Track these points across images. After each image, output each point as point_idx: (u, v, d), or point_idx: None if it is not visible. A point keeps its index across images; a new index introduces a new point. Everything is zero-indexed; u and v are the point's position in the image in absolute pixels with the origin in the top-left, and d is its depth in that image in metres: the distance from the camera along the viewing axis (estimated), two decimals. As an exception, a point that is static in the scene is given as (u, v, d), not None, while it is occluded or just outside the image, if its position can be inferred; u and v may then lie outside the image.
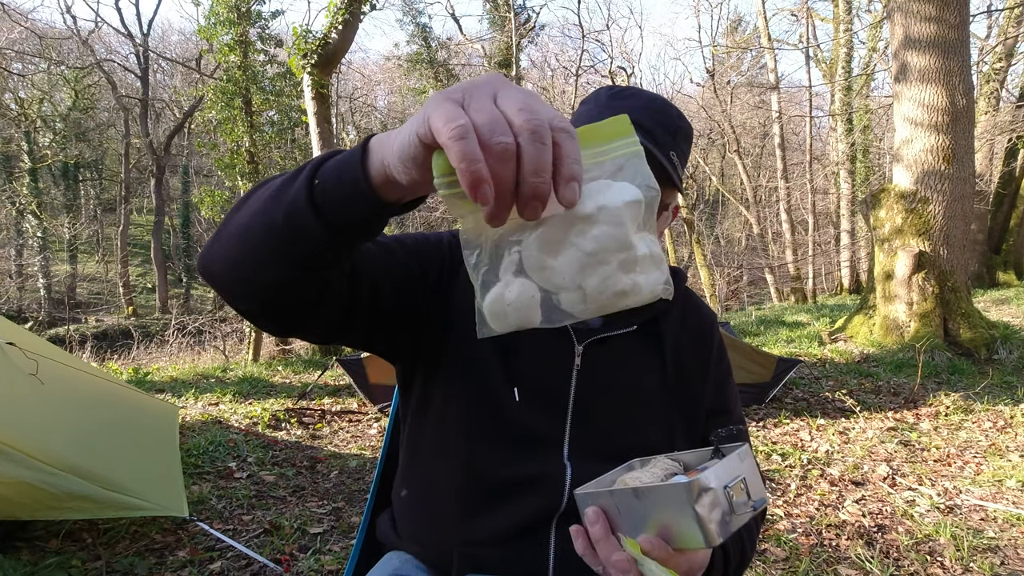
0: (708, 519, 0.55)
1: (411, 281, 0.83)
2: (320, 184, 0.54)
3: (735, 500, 0.57)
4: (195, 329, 12.96)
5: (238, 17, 9.33)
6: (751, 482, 0.59)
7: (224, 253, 0.63)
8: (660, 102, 0.86)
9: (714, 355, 0.97)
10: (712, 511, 0.56)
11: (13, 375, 2.16)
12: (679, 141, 0.86)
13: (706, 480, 0.56)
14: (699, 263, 16.70)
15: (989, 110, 12.46)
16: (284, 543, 2.33)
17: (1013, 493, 2.83)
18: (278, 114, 10.39)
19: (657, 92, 0.93)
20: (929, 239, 5.75)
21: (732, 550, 0.80)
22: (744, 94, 22.24)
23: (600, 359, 0.88)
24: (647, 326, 0.92)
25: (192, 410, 4.29)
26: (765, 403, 4.32)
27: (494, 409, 0.84)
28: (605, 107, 0.84)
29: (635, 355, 0.90)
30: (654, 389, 0.90)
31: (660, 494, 0.58)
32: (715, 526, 0.56)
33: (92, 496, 1.94)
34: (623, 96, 0.86)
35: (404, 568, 0.86)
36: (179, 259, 27.03)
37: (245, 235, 0.60)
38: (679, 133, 0.86)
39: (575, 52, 20.11)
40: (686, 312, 0.97)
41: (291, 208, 0.56)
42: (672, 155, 0.83)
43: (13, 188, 20.93)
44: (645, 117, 0.82)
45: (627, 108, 0.81)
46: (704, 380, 0.94)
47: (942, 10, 5.65)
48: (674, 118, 0.86)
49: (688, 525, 0.56)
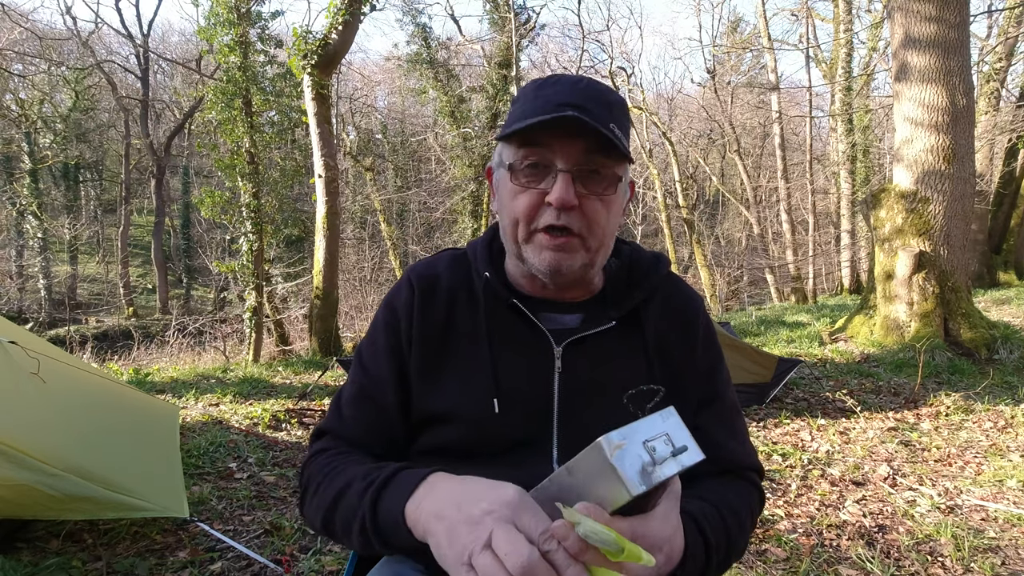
0: (625, 467, 0.57)
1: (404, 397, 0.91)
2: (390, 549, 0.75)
3: (656, 452, 0.59)
4: (195, 330, 12.99)
5: (238, 18, 9.32)
6: (676, 437, 0.61)
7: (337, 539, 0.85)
8: (586, 81, 0.84)
9: (700, 341, 0.94)
10: (629, 462, 0.57)
11: (15, 374, 2.16)
12: (616, 114, 0.83)
13: (618, 435, 0.58)
14: (699, 263, 16.71)
15: (989, 110, 12.45)
16: (285, 544, 2.33)
17: (1014, 493, 2.83)
18: (278, 115, 10.38)
19: (658, 92, 0.93)
20: (929, 239, 5.75)
21: (715, 538, 0.76)
22: (744, 94, 22.25)
23: (581, 359, 0.88)
24: (627, 319, 0.91)
25: (192, 411, 4.29)
26: (766, 403, 4.32)
27: (474, 426, 0.86)
28: (534, 99, 0.83)
29: (617, 351, 0.89)
30: (639, 383, 0.89)
31: (585, 461, 0.60)
32: (635, 474, 0.57)
33: (93, 497, 1.94)
34: (548, 84, 0.84)
35: (404, 570, 0.86)
36: (179, 260, 27.04)
37: (339, 541, 0.83)
38: (614, 107, 0.83)
39: (575, 52, 20.15)
40: (669, 299, 0.95)
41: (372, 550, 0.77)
42: (612, 127, 0.80)
43: (14, 189, 20.97)
44: (574, 96, 0.80)
45: (554, 94, 0.81)
46: (691, 367, 0.92)
47: (942, 10, 5.65)
48: (604, 92, 0.84)
49: (612, 481, 0.57)
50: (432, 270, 0.95)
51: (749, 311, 12.68)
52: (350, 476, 0.80)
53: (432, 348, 0.90)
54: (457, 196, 18.58)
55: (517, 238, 0.85)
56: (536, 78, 0.87)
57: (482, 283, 0.91)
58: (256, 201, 9.58)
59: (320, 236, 7.88)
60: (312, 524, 0.85)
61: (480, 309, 0.90)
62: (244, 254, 9.72)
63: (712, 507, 0.80)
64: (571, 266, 0.84)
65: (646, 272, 0.94)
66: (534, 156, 0.81)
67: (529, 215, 0.83)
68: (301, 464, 0.96)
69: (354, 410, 0.92)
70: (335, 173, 7.96)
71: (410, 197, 24.02)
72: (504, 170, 0.85)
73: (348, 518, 0.77)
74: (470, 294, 0.93)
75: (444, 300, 0.92)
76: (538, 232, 0.83)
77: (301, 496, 0.88)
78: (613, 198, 0.84)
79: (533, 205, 0.82)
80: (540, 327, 0.88)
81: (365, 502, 0.74)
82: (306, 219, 12.55)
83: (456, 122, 18.05)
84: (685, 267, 22.77)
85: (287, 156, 11.25)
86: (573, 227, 0.81)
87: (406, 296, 0.93)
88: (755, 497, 0.92)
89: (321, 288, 7.90)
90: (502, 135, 0.83)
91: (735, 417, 0.96)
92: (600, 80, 0.93)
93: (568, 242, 0.82)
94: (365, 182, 20.79)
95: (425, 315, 0.91)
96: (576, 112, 0.77)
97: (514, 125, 0.81)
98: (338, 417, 0.93)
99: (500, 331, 0.89)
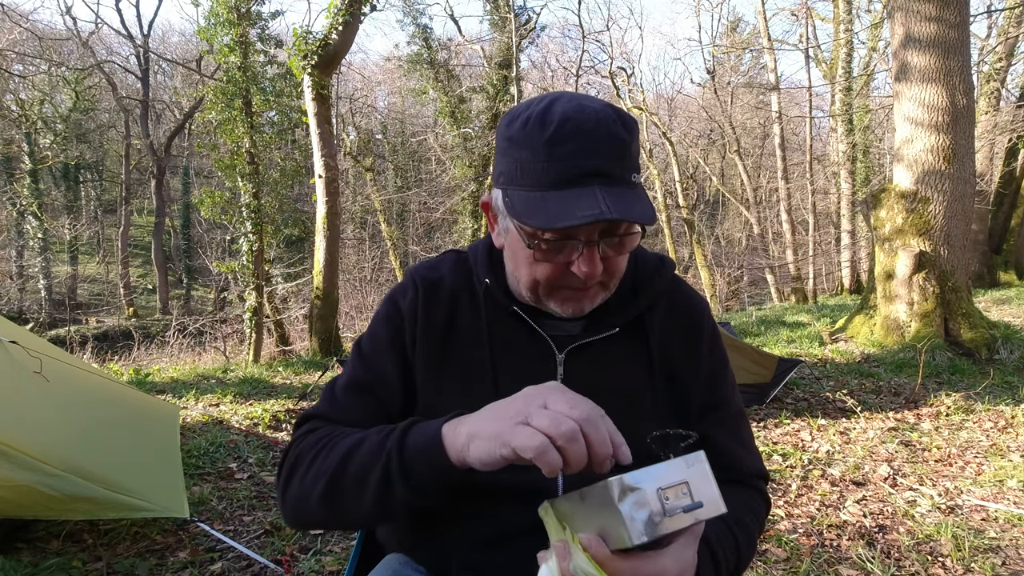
0: (631, 517, 0.55)
1: (402, 395, 0.90)
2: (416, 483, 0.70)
3: (669, 503, 0.56)
4: (195, 330, 12.99)
5: (238, 18, 9.32)
6: (697, 488, 0.58)
7: (318, 521, 0.83)
8: (601, 131, 0.73)
9: (704, 345, 0.93)
10: (638, 510, 0.56)
11: (17, 373, 2.16)
12: (634, 154, 0.77)
13: (632, 479, 0.56)
14: (699, 263, 16.71)
15: (989, 110, 12.45)
16: (285, 544, 2.33)
17: (1014, 493, 2.83)
18: (278, 115, 10.38)
19: (658, 93, 0.89)
20: (930, 239, 5.75)
21: (726, 561, 0.76)
22: (744, 94, 22.25)
23: (584, 365, 0.87)
24: (631, 326, 0.90)
25: (193, 411, 4.29)
26: (766, 403, 4.32)
27: None
28: (547, 158, 0.73)
29: (620, 357, 0.88)
30: (643, 390, 0.88)
31: (595, 495, 0.59)
32: (639, 525, 0.55)
33: (93, 497, 1.94)
34: (560, 141, 0.73)
35: (404, 570, 0.86)
36: (179, 260, 27.04)
37: (339, 510, 0.77)
38: (631, 146, 0.76)
39: (575, 53, 20.13)
40: (673, 303, 0.94)
41: (388, 500, 0.73)
42: (634, 176, 0.76)
43: (14, 189, 20.96)
44: (596, 157, 0.73)
45: (571, 154, 0.73)
46: (695, 374, 0.91)
47: (942, 10, 5.65)
48: (620, 136, 0.74)
49: (617, 523, 0.56)
50: (435, 272, 0.95)
51: (749, 311, 12.68)
52: (361, 436, 0.78)
53: (435, 349, 0.89)
54: (457, 196, 18.58)
55: (537, 292, 0.83)
56: (543, 110, 0.75)
57: (483, 289, 0.91)
58: (256, 201, 9.58)
59: (320, 236, 7.88)
60: (303, 499, 0.79)
61: (482, 313, 0.90)
62: (244, 254, 9.72)
63: (723, 524, 0.79)
64: (593, 306, 0.84)
65: (650, 277, 0.93)
66: (556, 234, 0.75)
67: (551, 280, 0.80)
68: (284, 449, 0.90)
69: (352, 399, 0.89)
70: (335, 173, 7.96)
71: (410, 197, 24.02)
72: (513, 226, 0.80)
73: (364, 469, 0.74)
74: (472, 297, 0.92)
75: (447, 302, 0.92)
76: (562, 289, 0.82)
77: (287, 476, 0.82)
78: (631, 244, 0.81)
79: (556, 272, 0.79)
80: (542, 334, 0.88)
81: (391, 442, 0.72)
82: (306, 219, 12.55)
83: (456, 122, 18.07)
84: (685, 267, 22.74)
85: (287, 156, 11.25)
86: (595, 282, 0.81)
87: (411, 296, 0.92)
88: (762, 505, 0.91)
89: (321, 288, 7.90)
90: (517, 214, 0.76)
91: (740, 423, 0.94)
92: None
93: (591, 290, 0.82)
94: (365, 182, 20.80)
95: (429, 315, 0.90)
96: (603, 186, 0.72)
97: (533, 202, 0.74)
98: (332, 402, 0.90)
99: (502, 337, 0.89)
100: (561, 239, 0.76)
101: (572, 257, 0.77)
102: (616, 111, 0.77)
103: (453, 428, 0.68)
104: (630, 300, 0.90)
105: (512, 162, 0.78)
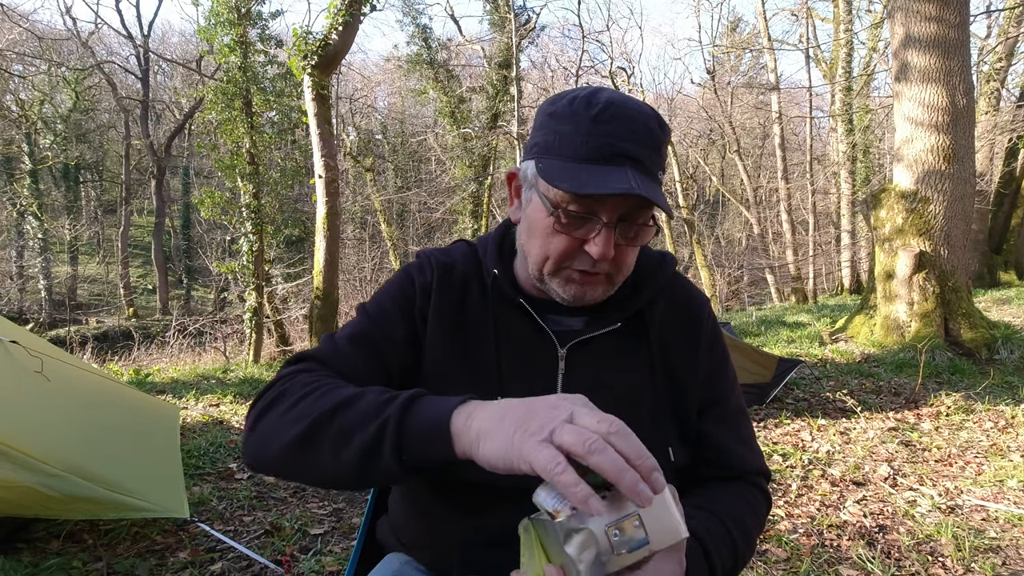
0: (578, 559, 0.53)
1: (405, 361, 0.89)
2: (408, 459, 0.66)
3: (616, 539, 0.54)
4: (196, 330, 12.98)
5: (238, 18, 9.33)
6: (650, 518, 0.55)
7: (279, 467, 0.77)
8: (640, 121, 0.78)
9: (704, 341, 0.93)
10: (583, 551, 0.53)
11: (18, 373, 2.16)
12: (663, 154, 0.82)
13: (578, 520, 0.54)
14: (700, 263, 16.70)
15: (989, 110, 12.46)
16: (285, 544, 2.33)
17: (1014, 493, 2.83)
18: (278, 115, 10.39)
19: (658, 93, 0.90)
20: (930, 239, 5.75)
21: (720, 560, 0.76)
22: (744, 94, 22.25)
23: (585, 361, 0.88)
24: (632, 321, 0.90)
25: (193, 411, 4.29)
26: (766, 403, 4.32)
27: None
28: (588, 133, 0.77)
29: (621, 353, 0.89)
30: (642, 386, 0.88)
31: (549, 527, 0.57)
32: (585, 568, 0.53)
33: (93, 497, 1.94)
34: (605, 117, 0.77)
35: (404, 570, 0.86)
36: (180, 260, 27.04)
37: (307, 462, 0.72)
38: (662, 147, 0.81)
39: (575, 53, 20.11)
40: (674, 298, 0.95)
41: (368, 467, 0.68)
42: (660, 174, 0.80)
43: (14, 190, 20.95)
44: (633, 144, 0.77)
45: (612, 133, 0.77)
46: (694, 369, 0.91)
47: (942, 10, 5.65)
48: (656, 133, 0.80)
49: (568, 563, 0.54)
50: (449, 257, 0.96)
51: (749, 311, 12.68)
52: (358, 391, 0.74)
53: (446, 332, 0.89)
54: (457, 196, 18.59)
55: (543, 269, 0.84)
56: (588, 97, 0.79)
57: (491, 279, 0.92)
58: (256, 201, 9.58)
59: (320, 237, 7.88)
60: (272, 438, 0.75)
61: (489, 304, 0.91)
62: (244, 254, 9.72)
63: (719, 522, 0.79)
64: (594, 297, 0.85)
65: (652, 273, 0.94)
66: (580, 207, 0.78)
67: (563, 256, 0.82)
68: (269, 381, 0.83)
69: (353, 349, 0.87)
70: (335, 173, 7.96)
71: (410, 197, 24.00)
72: (538, 198, 0.82)
73: (352, 427, 0.69)
74: (482, 286, 0.93)
75: (459, 286, 0.93)
76: (568, 270, 0.83)
77: (263, 409, 0.78)
78: (644, 238, 0.83)
79: (569, 248, 0.81)
80: (545, 328, 0.89)
81: (392, 408, 0.68)
82: (306, 219, 12.55)
83: (456, 122, 18.07)
84: (685, 267, 22.73)
85: (287, 156, 11.25)
86: (603, 269, 0.82)
87: (428, 274, 0.93)
88: (762, 503, 0.91)
89: (321, 288, 7.90)
90: (550, 177, 0.77)
91: (740, 420, 0.94)
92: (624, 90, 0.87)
93: (596, 278, 0.83)
94: (365, 182, 20.79)
95: (443, 296, 0.91)
96: (634, 170, 0.76)
97: (568, 170, 0.76)
98: (331, 349, 0.87)
99: (507, 328, 0.90)
100: (584, 212, 0.78)
101: (589, 235, 0.79)
102: (656, 112, 0.82)
103: (464, 417, 0.65)
104: (632, 295, 0.91)
105: (551, 133, 0.80)
